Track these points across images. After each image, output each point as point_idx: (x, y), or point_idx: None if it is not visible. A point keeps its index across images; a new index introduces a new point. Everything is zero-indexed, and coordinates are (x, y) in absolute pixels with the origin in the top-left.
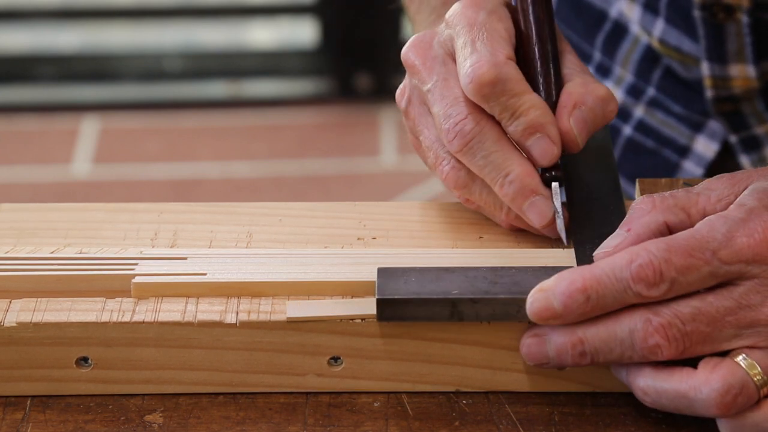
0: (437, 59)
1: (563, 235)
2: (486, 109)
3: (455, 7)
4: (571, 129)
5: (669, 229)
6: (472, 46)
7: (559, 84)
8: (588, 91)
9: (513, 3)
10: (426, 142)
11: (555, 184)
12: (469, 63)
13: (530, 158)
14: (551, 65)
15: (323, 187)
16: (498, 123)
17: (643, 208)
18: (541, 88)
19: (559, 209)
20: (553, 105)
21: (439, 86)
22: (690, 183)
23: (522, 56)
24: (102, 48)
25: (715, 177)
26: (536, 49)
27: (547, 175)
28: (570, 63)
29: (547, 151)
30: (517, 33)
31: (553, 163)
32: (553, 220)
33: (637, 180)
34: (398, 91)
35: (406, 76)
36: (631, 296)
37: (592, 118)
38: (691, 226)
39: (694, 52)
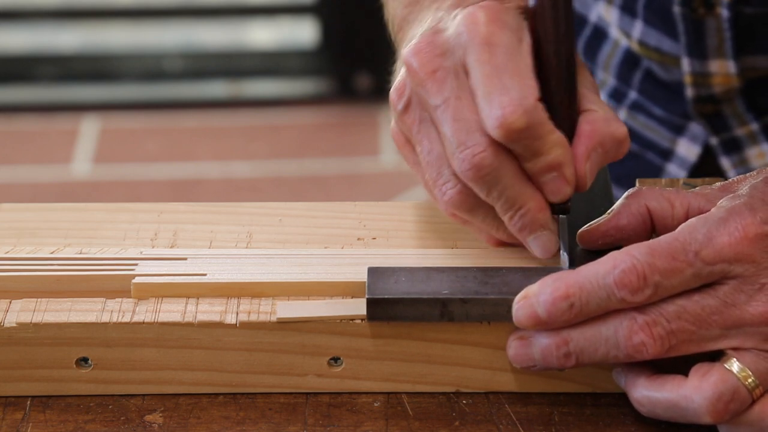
0: (449, 72)
1: (565, 267)
2: (508, 146)
3: (470, 13)
4: (585, 174)
5: (651, 215)
6: (499, 80)
7: (575, 107)
8: (608, 132)
9: (531, 5)
10: (426, 156)
11: (562, 217)
12: (498, 104)
13: (542, 191)
14: (567, 87)
15: (323, 187)
16: (514, 155)
17: (630, 192)
18: (557, 110)
19: (565, 243)
20: (567, 129)
21: (451, 106)
22: (690, 183)
23: (538, 66)
24: (102, 48)
25: (712, 184)
26: (554, 68)
27: (556, 207)
28: (586, 81)
29: (560, 190)
30: (535, 40)
31: (564, 200)
32: (557, 254)
33: (637, 180)
34: (394, 90)
35: (406, 76)
36: (615, 302)
37: (605, 159)
38: (673, 216)
39: (674, 51)
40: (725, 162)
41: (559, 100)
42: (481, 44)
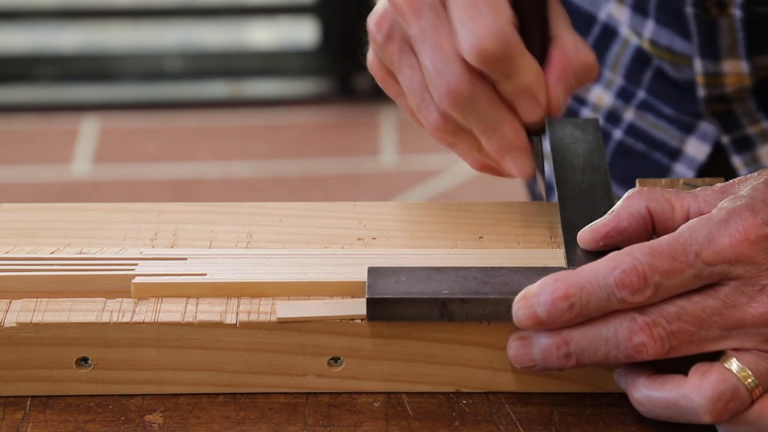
0: (426, 2)
1: (543, 193)
2: (483, 71)
3: None
4: (557, 96)
5: (651, 216)
6: (474, 9)
7: (546, 35)
8: (578, 57)
9: None
10: (408, 84)
11: (537, 138)
12: (473, 30)
13: (516, 112)
14: (540, 13)
15: (323, 187)
16: (490, 81)
17: (631, 193)
18: (529, 35)
19: (541, 165)
20: (538, 55)
21: (428, 35)
22: (690, 183)
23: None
24: (102, 48)
25: (712, 186)
26: None
27: (531, 130)
28: (556, 10)
29: (534, 111)
30: None
31: (538, 120)
32: (533, 173)
33: (637, 180)
34: (373, 20)
35: (387, 5)
36: (615, 303)
37: (575, 84)
38: (673, 218)
39: (685, 51)
40: (737, 160)
41: (531, 27)
42: None
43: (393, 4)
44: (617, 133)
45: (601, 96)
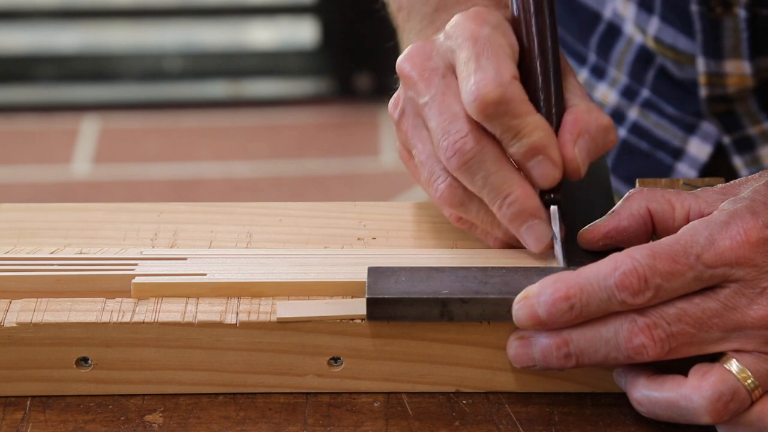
0: (436, 71)
1: (560, 260)
2: (488, 128)
3: (456, 18)
4: (575, 157)
5: (651, 216)
6: (476, 62)
7: (560, 103)
8: (592, 119)
9: (515, 14)
10: (420, 156)
11: (554, 208)
12: (473, 80)
13: (530, 180)
14: (552, 82)
15: (323, 187)
16: (499, 142)
17: (631, 193)
18: (542, 106)
19: (557, 233)
20: (553, 123)
21: (437, 100)
22: (690, 182)
23: (524, 71)
24: (102, 48)
25: (713, 187)
26: (538, 65)
27: (546, 197)
28: (571, 86)
29: (548, 174)
30: (519, 47)
31: (553, 186)
32: (551, 245)
33: (637, 180)
34: (391, 102)
35: (400, 86)
36: (615, 304)
37: (594, 148)
38: (673, 218)
39: (689, 50)
40: (737, 161)
41: (545, 97)
42: (465, 39)
43: (404, 78)
44: (621, 132)
45: (606, 94)
